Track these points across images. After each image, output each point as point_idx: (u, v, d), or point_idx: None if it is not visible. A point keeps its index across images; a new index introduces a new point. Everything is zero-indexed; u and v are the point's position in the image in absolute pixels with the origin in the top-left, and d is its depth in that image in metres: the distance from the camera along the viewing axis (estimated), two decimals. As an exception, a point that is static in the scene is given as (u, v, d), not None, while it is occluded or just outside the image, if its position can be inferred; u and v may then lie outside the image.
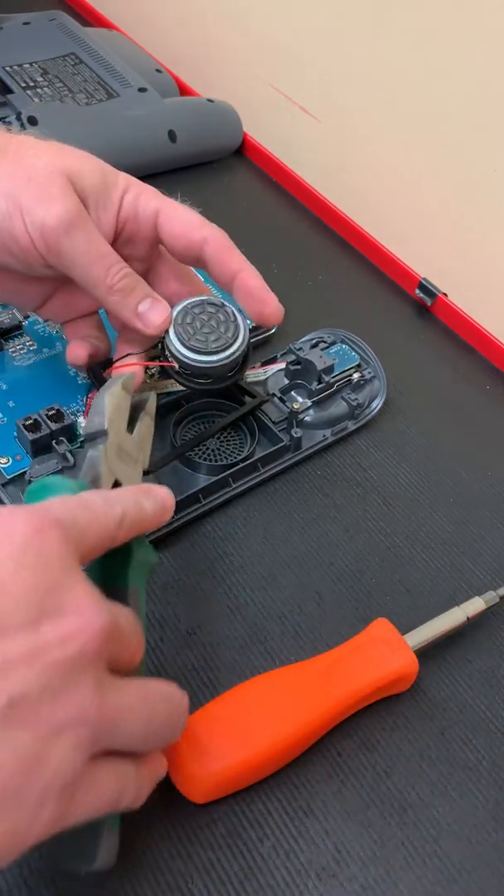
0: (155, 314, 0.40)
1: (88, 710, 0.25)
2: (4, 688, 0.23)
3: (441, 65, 0.51)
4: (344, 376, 0.48)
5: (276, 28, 0.63)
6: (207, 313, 0.40)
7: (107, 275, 0.38)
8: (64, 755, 0.24)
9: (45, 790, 0.24)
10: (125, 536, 0.30)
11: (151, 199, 0.40)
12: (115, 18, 0.77)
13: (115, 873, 0.31)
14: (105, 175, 0.39)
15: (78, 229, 0.37)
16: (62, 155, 0.38)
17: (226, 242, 0.40)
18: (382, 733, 0.36)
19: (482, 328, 0.54)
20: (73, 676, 0.25)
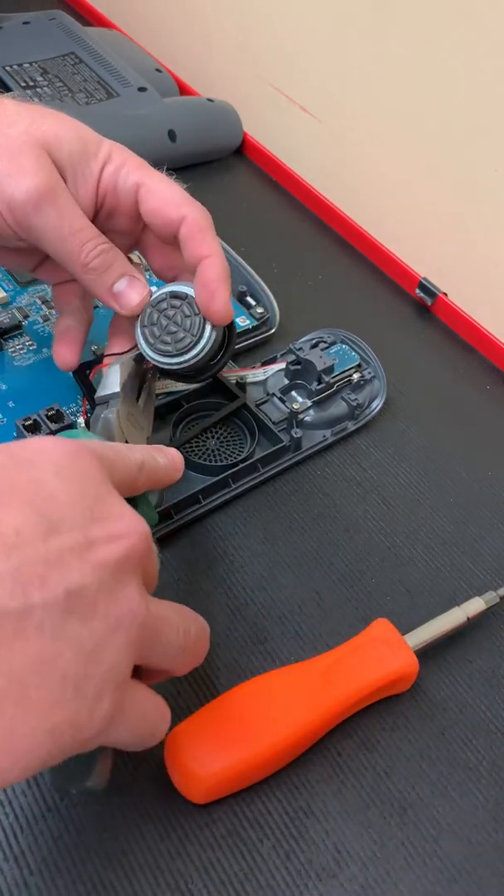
0: (132, 293, 0.38)
1: (137, 610, 0.26)
2: (61, 579, 0.24)
3: (441, 64, 0.51)
4: (344, 376, 0.48)
5: (277, 28, 0.63)
6: (172, 308, 0.38)
7: (80, 251, 0.37)
8: (118, 651, 0.25)
9: (102, 683, 0.25)
10: (143, 485, 0.32)
11: (133, 171, 0.38)
12: (115, 18, 0.77)
13: (115, 873, 0.31)
14: (85, 144, 0.37)
15: (48, 205, 0.35)
16: (40, 121, 0.36)
17: (202, 223, 0.38)
18: (382, 733, 0.36)
19: (482, 328, 0.54)
20: (123, 576, 0.26)
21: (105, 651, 0.25)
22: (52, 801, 0.33)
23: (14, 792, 0.33)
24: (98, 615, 0.25)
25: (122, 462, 0.30)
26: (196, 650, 0.30)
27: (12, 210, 0.36)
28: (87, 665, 0.25)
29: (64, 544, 0.25)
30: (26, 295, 0.51)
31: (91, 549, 0.25)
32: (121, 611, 0.26)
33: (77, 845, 0.32)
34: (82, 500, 0.26)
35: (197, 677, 0.37)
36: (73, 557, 0.25)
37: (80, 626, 0.25)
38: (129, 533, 0.27)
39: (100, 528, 0.26)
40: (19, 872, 0.31)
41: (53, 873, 0.31)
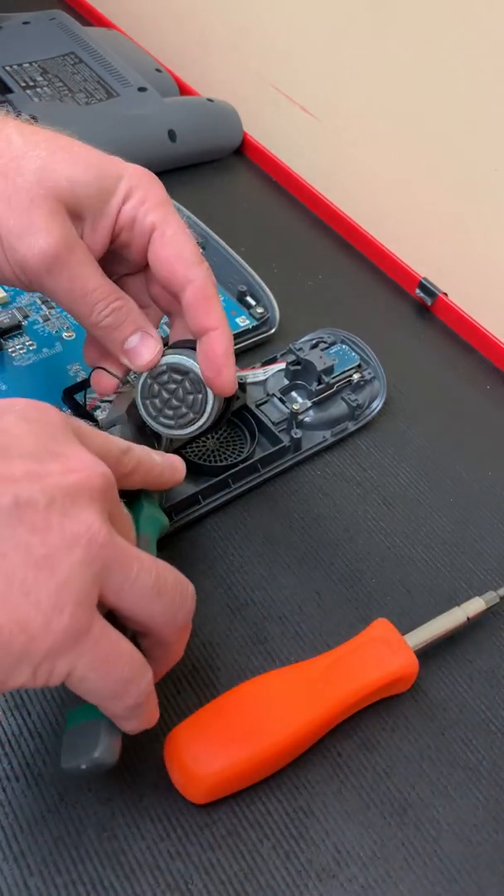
0: (143, 351, 0.37)
1: (98, 531, 0.26)
2: (9, 489, 0.25)
3: (441, 64, 0.51)
4: (344, 377, 0.48)
5: (277, 28, 0.63)
6: (174, 382, 0.37)
7: (91, 312, 0.36)
8: (75, 567, 0.26)
9: (59, 594, 0.25)
10: (135, 471, 0.32)
11: (152, 210, 0.36)
12: (115, 18, 0.77)
13: (115, 873, 0.31)
14: (102, 181, 0.36)
15: (61, 267, 0.34)
16: (51, 164, 0.34)
17: (208, 291, 0.36)
18: (382, 733, 0.36)
19: (482, 328, 0.54)
20: (79, 501, 0.26)
21: (59, 563, 0.25)
22: (52, 802, 0.33)
23: (14, 792, 0.33)
24: (52, 529, 0.26)
25: (99, 437, 0.30)
26: (173, 599, 0.29)
27: (25, 271, 0.35)
28: (37, 571, 0.25)
29: (14, 466, 0.26)
30: (26, 295, 0.51)
31: (43, 475, 0.26)
32: (77, 528, 0.26)
33: (77, 845, 0.32)
34: (38, 437, 0.27)
35: (197, 677, 0.37)
36: (23, 476, 0.26)
37: (29, 535, 0.25)
38: (84, 468, 0.27)
39: (54, 461, 0.27)
40: (19, 872, 0.31)
41: (53, 873, 0.31)
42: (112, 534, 0.27)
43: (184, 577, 0.30)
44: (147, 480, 0.33)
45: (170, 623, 0.30)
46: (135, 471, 0.32)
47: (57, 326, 0.49)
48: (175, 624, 0.30)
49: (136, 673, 0.28)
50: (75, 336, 0.49)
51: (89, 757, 0.29)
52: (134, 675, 0.28)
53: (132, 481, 0.32)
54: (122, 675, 0.27)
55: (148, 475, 0.33)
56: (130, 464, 0.32)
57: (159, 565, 0.29)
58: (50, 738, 0.34)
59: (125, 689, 0.28)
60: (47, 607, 0.25)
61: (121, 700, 0.28)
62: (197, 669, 0.37)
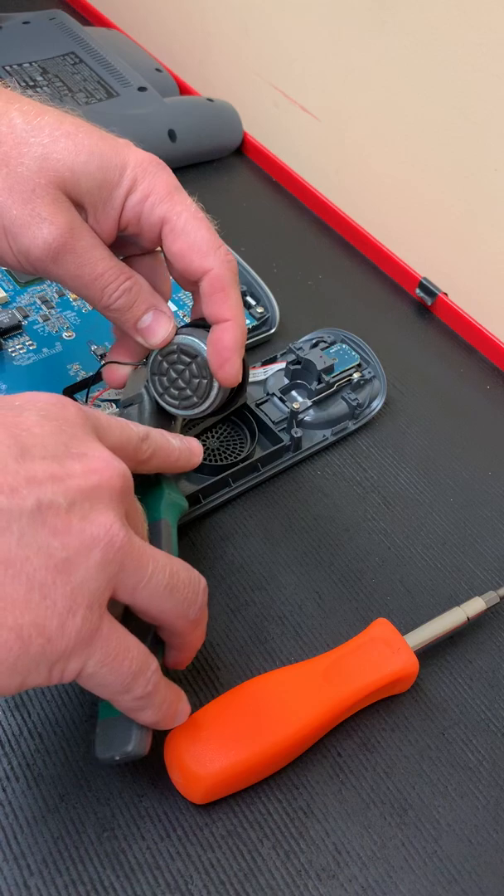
0: (158, 328, 0.37)
1: (117, 534, 0.27)
2: (32, 492, 0.26)
3: (441, 64, 0.51)
4: (344, 376, 0.48)
5: (277, 27, 0.63)
6: (181, 364, 0.37)
7: (101, 295, 0.36)
8: (91, 569, 0.26)
9: (73, 596, 0.26)
10: (153, 460, 0.33)
11: (159, 203, 0.35)
12: (115, 17, 0.77)
13: (115, 873, 0.31)
14: (106, 172, 0.34)
15: (67, 255, 0.34)
16: (54, 151, 0.33)
17: (225, 280, 0.36)
18: (382, 733, 0.36)
19: (482, 328, 0.54)
20: (98, 503, 0.27)
21: (76, 566, 0.26)
22: (52, 802, 0.33)
23: (14, 792, 0.33)
24: (72, 532, 0.26)
25: (118, 427, 0.31)
26: (185, 596, 0.30)
27: (30, 260, 0.34)
28: (56, 574, 0.26)
29: (36, 467, 0.26)
30: (26, 295, 0.51)
31: (65, 477, 0.27)
32: (95, 531, 0.27)
33: (77, 845, 0.32)
34: (59, 436, 0.28)
35: (197, 677, 0.37)
36: (46, 478, 0.26)
37: (51, 538, 0.26)
38: (105, 469, 0.28)
39: (75, 462, 0.27)
40: (19, 872, 0.31)
41: (53, 873, 0.31)
42: (129, 535, 0.28)
43: (196, 573, 0.31)
44: (165, 465, 0.34)
45: (182, 617, 0.30)
46: (153, 456, 0.33)
47: (57, 326, 0.49)
48: (187, 618, 0.31)
49: (143, 664, 0.29)
50: (75, 336, 0.49)
51: (123, 749, 0.30)
52: (140, 666, 0.28)
53: (150, 466, 0.33)
54: (131, 668, 0.28)
55: (166, 460, 0.33)
56: (149, 450, 0.32)
57: (173, 563, 0.30)
58: (50, 738, 0.34)
59: (134, 681, 0.28)
60: (62, 609, 0.26)
61: (130, 692, 0.28)
62: (197, 669, 0.37)
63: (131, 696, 0.29)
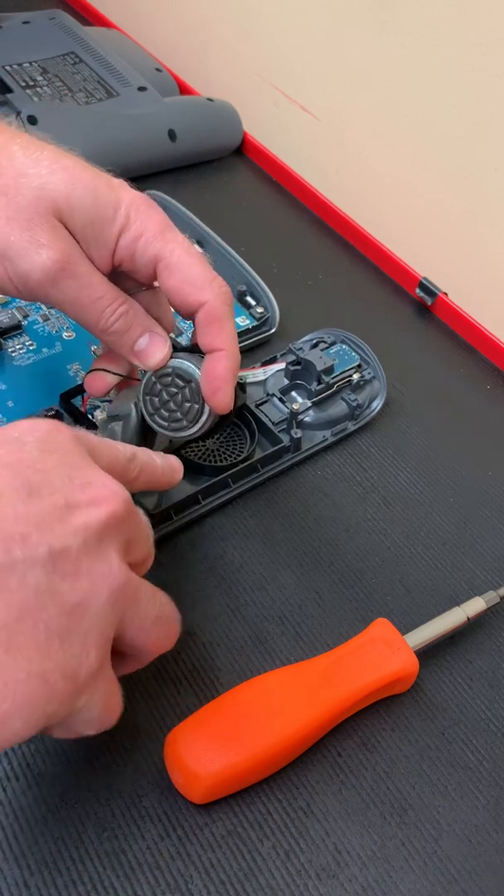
0: (154, 351, 0.37)
1: (119, 573, 0.28)
2: (45, 539, 0.26)
3: (441, 64, 0.51)
4: (344, 377, 0.48)
5: (277, 27, 0.63)
6: (175, 387, 0.38)
7: (99, 319, 0.36)
8: (101, 609, 0.27)
9: (86, 636, 0.27)
10: (139, 479, 0.33)
11: (151, 242, 0.36)
12: (115, 17, 0.77)
13: (115, 873, 0.31)
14: (99, 209, 0.35)
15: (66, 279, 0.34)
16: (51, 182, 0.34)
17: (219, 312, 0.36)
18: (382, 733, 0.36)
19: (482, 328, 0.54)
20: (105, 539, 0.28)
21: (88, 608, 0.27)
22: (53, 802, 0.33)
23: (14, 792, 0.33)
24: (82, 574, 0.27)
25: (107, 448, 0.31)
26: (167, 628, 0.31)
27: (28, 286, 0.35)
28: (69, 618, 0.26)
29: (45, 507, 0.27)
30: (26, 295, 0.51)
31: (72, 513, 0.27)
32: (103, 570, 0.27)
33: (77, 845, 0.32)
34: (62, 468, 0.28)
35: (197, 677, 0.37)
36: (55, 520, 0.27)
37: (63, 583, 0.26)
38: (109, 497, 0.28)
39: (80, 492, 0.28)
40: (19, 872, 0.31)
41: (53, 873, 0.31)
42: (128, 570, 0.28)
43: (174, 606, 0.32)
44: (149, 483, 0.34)
45: (161, 647, 0.32)
46: (140, 475, 0.33)
47: (57, 326, 0.49)
48: (164, 647, 0.32)
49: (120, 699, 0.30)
50: (75, 336, 0.49)
51: None
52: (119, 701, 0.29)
53: (136, 486, 0.33)
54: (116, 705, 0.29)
55: (150, 478, 0.34)
56: (135, 470, 0.33)
57: (158, 596, 0.31)
58: (50, 738, 0.34)
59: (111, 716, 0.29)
60: (79, 651, 0.26)
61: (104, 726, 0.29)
62: (197, 669, 0.37)
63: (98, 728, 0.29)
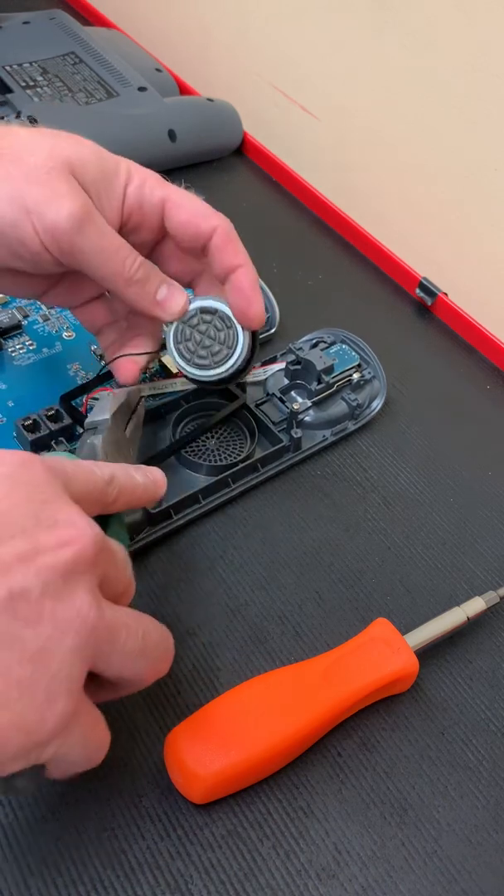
0: (174, 300, 0.39)
1: (88, 614, 0.26)
2: (4, 583, 0.25)
3: (441, 64, 0.51)
4: (344, 376, 0.48)
5: (277, 27, 0.63)
6: (204, 322, 0.40)
7: (123, 268, 0.37)
8: (67, 655, 0.25)
9: (51, 686, 0.25)
10: (118, 501, 0.32)
11: (156, 188, 0.39)
12: (115, 17, 0.77)
13: (115, 873, 0.31)
14: (104, 163, 0.38)
15: (89, 225, 0.36)
16: (58, 145, 0.37)
17: (231, 234, 0.39)
18: (382, 733, 0.36)
19: (482, 328, 0.54)
20: (71, 580, 0.26)
21: (52, 654, 0.25)
22: (53, 802, 0.33)
23: (14, 792, 0.33)
24: (44, 619, 0.25)
25: (84, 475, 0.30)
26: (157, 656, 0.30)
27: (56, 237, 0.35)
28: (33, 667, 0.25)
29: (5, 551, 0.25)
30: (26, 295, 0.51)
31: (36, 556, 0.26)
32: (68, 614, 0.26)
33: (77, 845, 0.32)
34: (27, 506, 0.26)
35: (197, 677, 0.37)
36: (16, 562, 0.25)
37: (24, 629, 0.25)
38: (78, 538, 0.27)
39: (46, 534, 0.26)
40: (19, 872, 0.31)
41: (53, 873, 0.31)
42: (101, 608, 0.27)
43: (165, 630, 0.31)
44: (129, 503, 0.33)
45: (151, 676, 0.30)
46: (118, 497, 0.32)
47: (57, 326, 0.49)
48: (156, 675, 0.31)
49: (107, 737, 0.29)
50: (75, 336, 0.49)
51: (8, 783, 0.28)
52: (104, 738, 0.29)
53: (115, 508, 0.32)
54: (99, 744, 0.28)
55: (130, 498, 0.33)
56: (114, 493, 0.32)
57: (144, 625, 0.29)
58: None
59: (97, 753, 0.28)
60: (41, 701, 0.25)
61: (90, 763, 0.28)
62: (197, 669, 0.37)
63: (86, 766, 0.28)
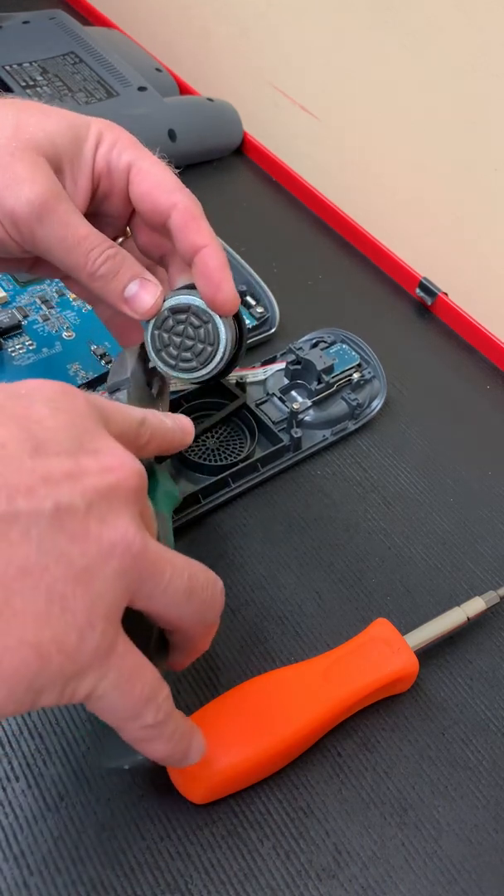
0: (144, 296, 0.36)
1: (133, 541, 0.25)
2: (50, 493, 0.24)
3: (441, 63, 0.51)
4: (344, 376, 0.48)
5: (276, 27, 0.63)
6: (178, 323, 0.37)
7: (86, 261, 0.35)
8: (110, 578, 0.25)
9: (92, 608, 0.24)
10: (150, 444, 0.31)
11: (125, 150, 0.37)
12: (115, 17, 0.77)
13: (115, 873, 0.31)
14: (75, 129, 0.36)
15: (51, 214, 0.34)
16: (25, 119, 0.35)
17: (194, 211, 0.36)
18: (382, 733, 0.36)
19: (482, 328, 0.54)
20: (115, 506, 0.25)
21: (95, 575, 0.24)
22: (52, 802, 0.33)
23: (14, 792, 0.33)
24: (90, 538, 0.25)
25: (120, 413, 0.30)
26: (203, 600, 0.28)
27: (16, 223, 0.34)
28: (75, 585, 0.24)
29: (52, 465, 0.25)
30: (26, 294, 0.51)
31: (81, 475, 0.25)
32: (114, 537, 0.25)
33: (77, 845, 0.32)
34: (72, 430, 0.26)
35: (197, 677, 0.37)
36: (63, 478, 0.25)
37: (70, 545, 0.24)
38: (121, 466, 0.26)
39: (90, 458, 0.26)
40: (19, 872, 0.31)
41: (53, 873, 0.31)
42: (146, 539, 0.26)
43: (213, 575, 0.29)
44: (161, 447, 0.32)
45: (200, 623, 0.29)
46: (151, 439, 0.31)
47: (57, 326, 0.49)
48: (205, 623, 0.29)
49: (155, 689, 0.27)
50: (75, 336, 0.49)
51: (134, 758, 0.29)
52: (153, 691, 0.27)
53: (148, 451, 0.32)
54: (143, 692, 0.26)
55: (162, 442, 0.32)
56: (146, 434, 0.31)
57: (192, 566, 0.28)
58: (50, 738, 0.34)
59: (145, 707, 0.27)
60: (82, 623, 0.24)
61: (139, 719, 0.27)
62: (197, 669, 0.37)
63: (140, 724, 0.27)
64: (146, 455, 0.32)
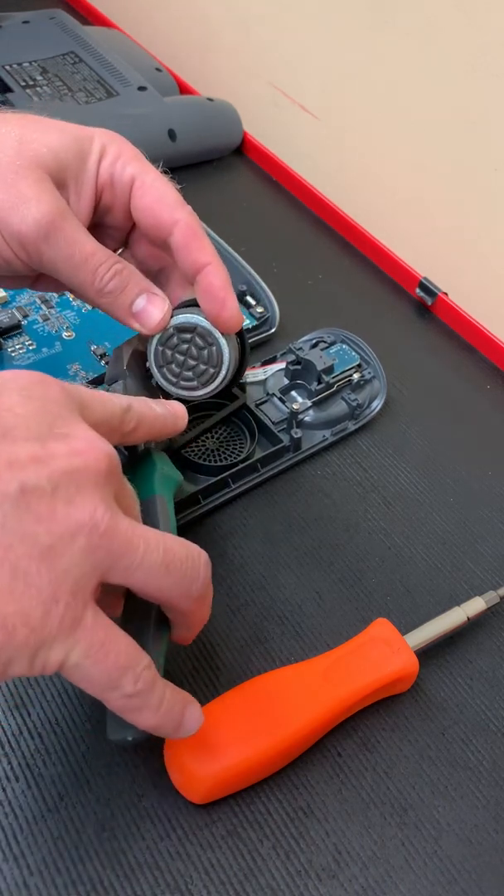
0: (152, 311, 0.37)
1: (101, 519, 0.26)
2: (15, 476, 0.25)
3: (441, 64, 0.51)
4: (344, 376, 0.48)
5: (276, 27, 0.63)
6: (183, 342, 0.37)
7: (94, 278, 0.36)
8: (77, 556, 0.26)
9: (57, 583, 0.25)
10: (137, 431, 0.32)
11: (128, 163, 0.37)
12: (115, 17, 0.77)
13: (115, 873, 0.31)
14: (79, 143, 0.36)
15: (58, 232, 0.34)
16: (28, 135, 0.35)
17: (196, 230, 0.36)
18: (382, 733, 0.36)
19: (482, 328, 0.54)
20: (83, 486, 0.26)
21: (61, 553, 0.26)
22: (52, 802, 0.33)
23: (14, 792, 0.33)
24: (56, 518, 0.26)
25: (99, 401, 0.30)
26: (185, 570, 0.29)
27: (22, 243, 0.34)
28: (39, 562, 0.25)
29: (19, 450, 0.26)
30: (26, 294, 0.51)
31: (48, 459, 0.26)
32: (80, 516, 0.26)
33: (77, 845, 0.32)
34: (43, 416, 0.27)
35: (196, 677, 0.37)
36: (29, 461, 0.26)
37: (36, 524, 0.25)
38: (89, 450, 0.27)
39: (59, 443, 0.27)
40: (19, 872, 0.31)
41: (53, 873, 0.31)
42: (116, 517, 0.27)
43: (195, 548, 0.30)
44: (150, 434, 0.33)
45: (184, 595, 0.29)
46: (138, 426, 0.32)
47: (57, 326, 0.49)
48: (190, 595, 0.30)
49: (132, 659, 0.27)
50: (75, 336, 0.49)
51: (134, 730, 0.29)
52: (129, 661, 0.27)
53: (136, 437, 0.32)
54: (117, 661, 0.27)
55: (151, 428, 0.33)
56: (132, 421, 0.32)
57: (167, 540, 0.29)
58: (50, 738, 0.34)
59: (121, 676, 0.27)
60: (46, 597, 0.25)
61: (118, 689, 0.27)
62: (197, 669, 0.37)
63: (120, 693, 0.27)
64: (135, 441, 0.32)
